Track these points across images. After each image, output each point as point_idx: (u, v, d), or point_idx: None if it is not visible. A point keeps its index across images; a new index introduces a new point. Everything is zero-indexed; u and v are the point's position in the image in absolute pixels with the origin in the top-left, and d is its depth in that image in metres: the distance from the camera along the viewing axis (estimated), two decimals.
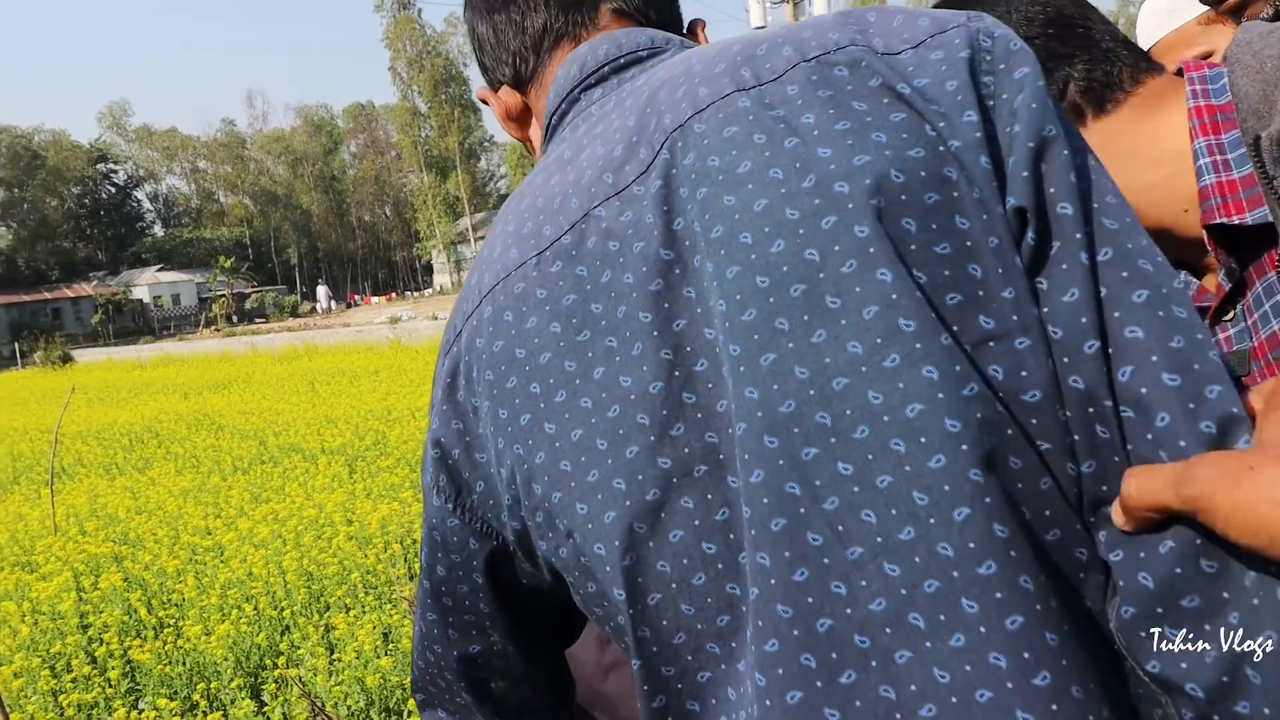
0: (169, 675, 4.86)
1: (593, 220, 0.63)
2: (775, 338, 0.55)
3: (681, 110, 0.62)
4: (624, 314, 0.60)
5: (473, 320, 0.68)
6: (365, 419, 11.27)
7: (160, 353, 30.78)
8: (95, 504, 8.22)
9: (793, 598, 0.53)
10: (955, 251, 0.54)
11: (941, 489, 0.51)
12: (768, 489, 0.54)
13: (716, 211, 0.58)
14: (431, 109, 58.42)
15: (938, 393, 0.51)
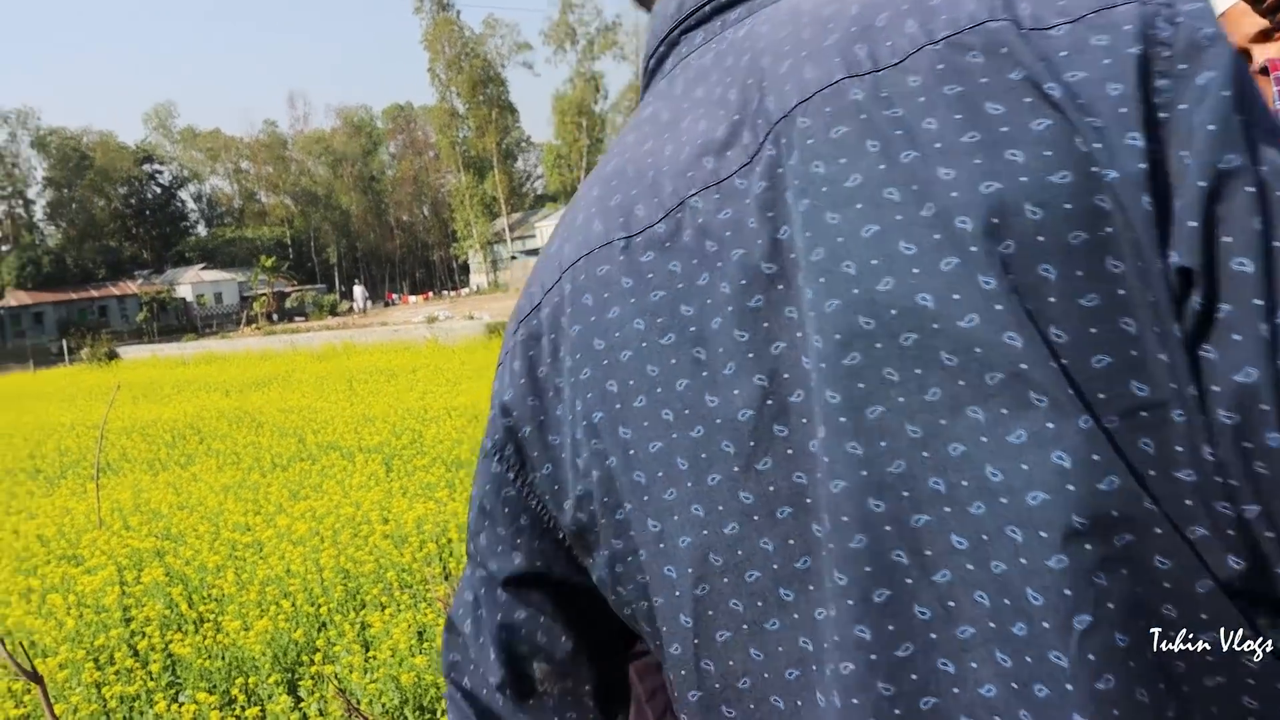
0: (208, 669, 4.94)
1: (689, 211, 0.57)
2: (883, 389, 0.49)
3: (786, 95, 0.54)
4: (718, 327, 0.54)
5: (554, 295, 0.62)
6: (402, 418, 11.37)
7: (203, 350, 31.30)
8: (139, 499, 8.37)
9: (895, 675, 0.49)
10: (1105, 303, 0.45)
11: (1060, 592, 0.45)
12: (871, 556, 0.49)
13: (819, 230, 0.51)
14: (469, 110, 58.82)
15: (1067, 483, 0.45)
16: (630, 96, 63.00)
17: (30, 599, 5.79)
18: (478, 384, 14.58)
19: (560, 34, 58.49)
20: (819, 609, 0.52)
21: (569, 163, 60.36)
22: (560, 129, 59.91)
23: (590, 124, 59.66)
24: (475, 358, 19.62)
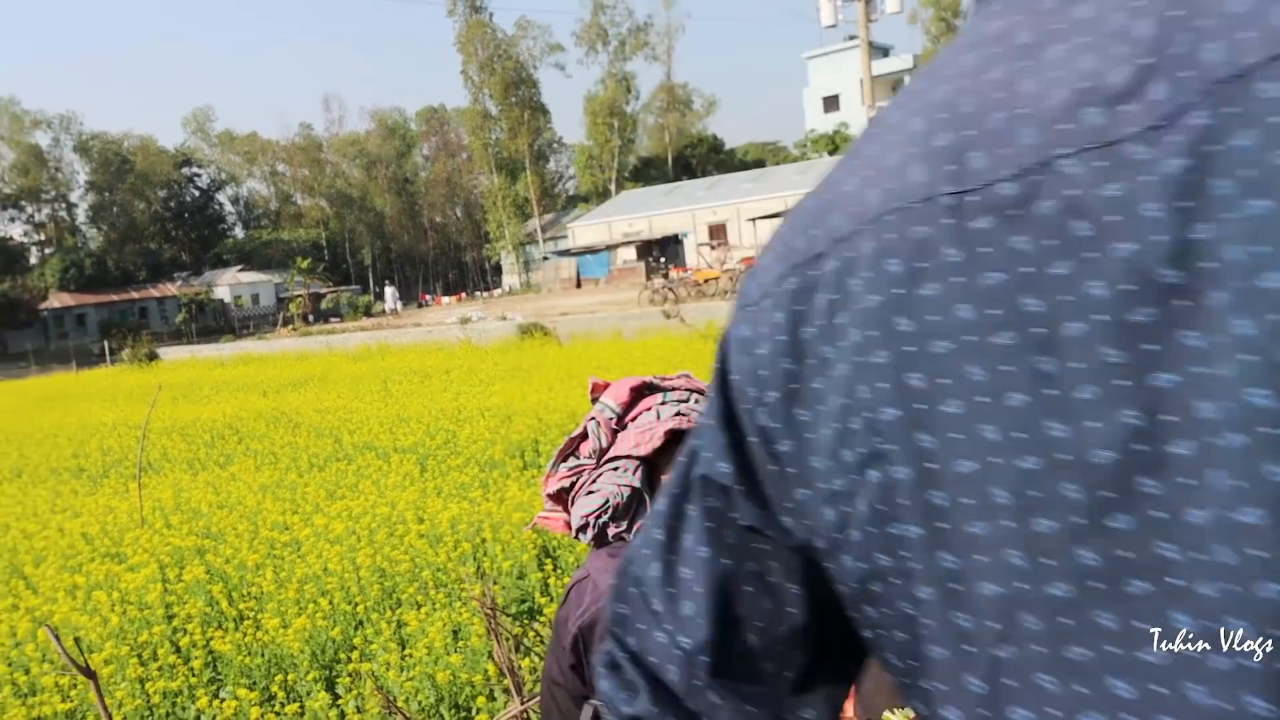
0: (248, 666, 5.02)
1: (1054, 175, 0.42)
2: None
3: (1241, 45, 0.39)
4: (1078, 336, 0.42)
5: (846, 249, 0.49)
6: (436, 418, 11.47)
7: (240, 351, 31.73)
8: (179, 498, 8.52)
9: None
10: None
11: None
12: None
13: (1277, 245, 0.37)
14: (502, 111, 59.14)
15: None
16: (661, 97, 62.94)
17: (76, 595, 5.92)
18: (510, 384, 14.66)
19: (592, 35, 58.64)
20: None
21: (601, 163, 60.45)
22: (592, 130, 60.04)
23: (622, 124, 59.73)
24: (508, 358, 19.71)
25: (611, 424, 1.69)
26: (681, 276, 30.76)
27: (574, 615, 1.57)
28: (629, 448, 1.65)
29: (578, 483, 1.70)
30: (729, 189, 46.80)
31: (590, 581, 1.60)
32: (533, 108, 59.42)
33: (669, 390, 1.73)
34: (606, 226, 48.14)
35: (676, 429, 1.64)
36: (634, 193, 53.73)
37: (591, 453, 1.69)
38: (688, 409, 1.68)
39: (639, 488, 1.64)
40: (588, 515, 1.65)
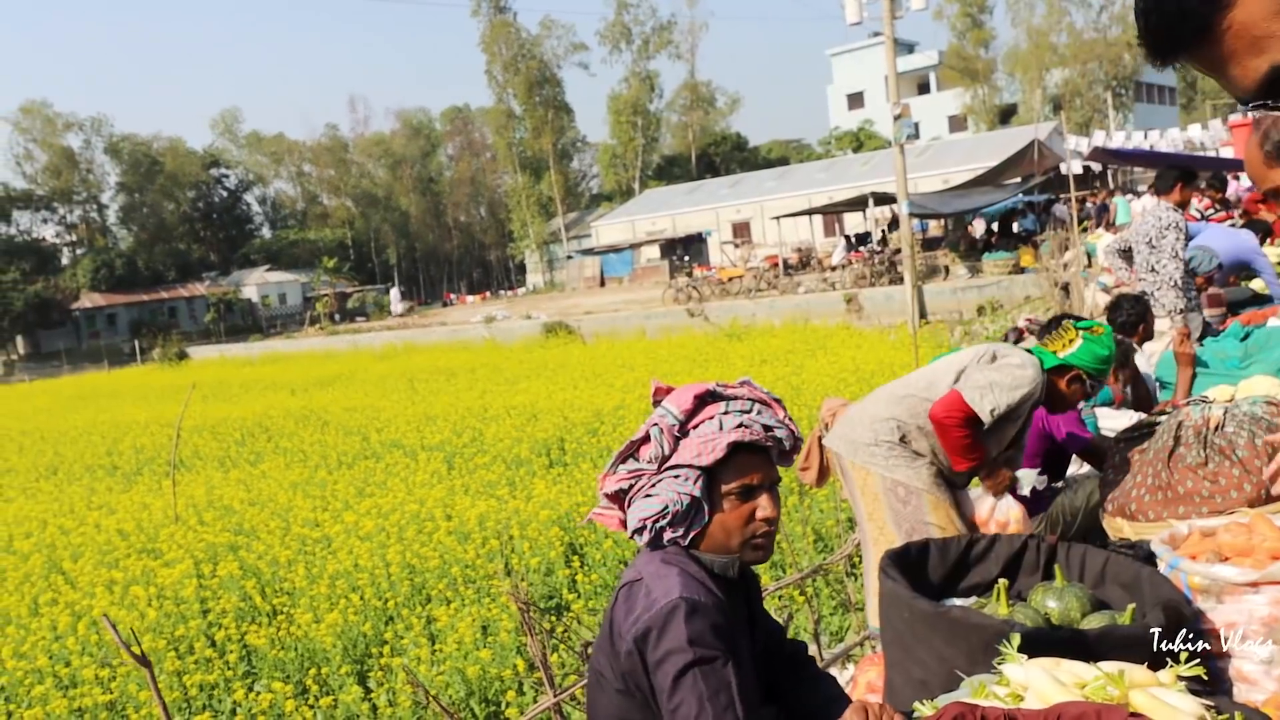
0: (282, 660, 5.11)
1: None
2: None
3: None
4: None
5: None
6: (463, 417, 11.55)
7: (268, 350, 32.06)
8: (212, 495, 8.64)
9: None
10: None
11: None
12: None
13: None
14: (526, 111, 59.23)
15: None
16: (685, 95, 62.88)
17: (113, 590, 6.03)
18: (535, 383, 14.74)
19: (615, 34, 58.62)
20: None
21: (624, 162, 60.43)
22: (615, 128, 60.03)
23: (645, 123, 59.68)
24: (532, 356, 19.80)
25: (674, 430, 1.72)
26: (705, 275, 30.73)
27: (627, 623, 1.61)
28: (691, 457, 1.68)
29: (636, 485, 1.73)
30: (752, 187, 46.67)
31: (643, 585, 1.64)
32: (556, 107, 59.48)
33: (732, 399, 1.76)
34: (630, 225, 48.15)
35: (739, 441, 1.68)
36: (657, 191, 53.70)
37: (652, 458, 1.72)
38: (750, 420, 1.71)
39: (698, 496, 1.67)
40: (646, 519, 1.69)
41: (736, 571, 1.71)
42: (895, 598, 2.19)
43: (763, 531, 1.71)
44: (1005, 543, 2.51)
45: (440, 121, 74.46)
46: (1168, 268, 5.01)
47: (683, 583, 1.61)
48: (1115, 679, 1.49)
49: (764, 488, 1.71)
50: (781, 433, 1.74)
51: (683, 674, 1.52)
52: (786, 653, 1.88)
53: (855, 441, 3.13)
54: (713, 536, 1.70)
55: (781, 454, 1.77)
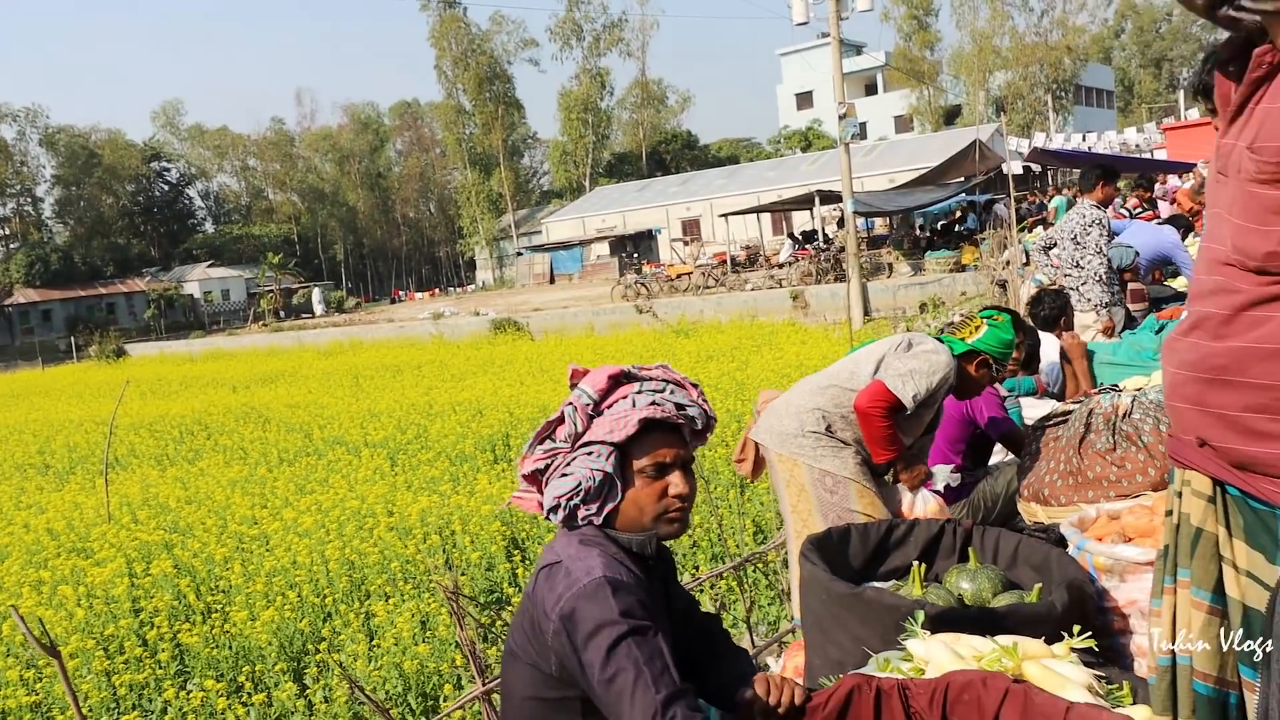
0: (215, 658, 5.04)
1: None
2: None
3: None
4: None
5: None
6: (407, 413, 11.45)
7: (210, 347, 31.45)
8: (147, 493, 8.47)
9: None
10: None
11: None
12: None
13: None
14: (476, 106, 58.80)
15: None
16: (636, 92, 62.92)
17: (41, 590, 5.89)
18: (483, 379, 14.66)
19: (566, 30, 58.45)
20: None
21: (575, 159, 60.31)
22: (566, 125, 59.88)
23: (596, 120, 59.62)
24: (480, 353, 19.68)
25: (588, 410, 1.75)
26: (654, 272, 30.81)
27: (551, 604, 1.62)
28: (604, 433, 1.71)
29: (552, 465, 1.75)
30: (702, 185, 46.87)
31: (563, 567, 1.66)
32: (507, 103, 59.15)
33: (646, 380, 1.79)
34: (580, 222, 48.10)
35: (650, 417, 1.71)
36: (608, 189, 53.70)
37: (567, 437, 1.74)
38: (663, 399, 1.74)
39: (611, 473, 1.70)
40: (560, 496, 1.71)
41: (654, 548, 1.74)
42: (814, 581, 2.24)
43: (676, 507, 1.74)
44: (924, 527, 2.57)
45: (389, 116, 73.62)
46: (1092, 263, 5.15)
47: (604, 562, 1.64)
48: (1010, 651, 1.55)
49: (677, 465, 1.74)
50: (694, 411, 1.77)
51: (616, 645, 1.54)
52: (700, 629, 1.91)
53: (782, 433, 3.18)
54: (626, 513, 1.72)
55: (694, 433, 1.80)
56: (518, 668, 1.70)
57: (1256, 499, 1.27)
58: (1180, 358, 1.34)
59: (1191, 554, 1.33)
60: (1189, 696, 1.32)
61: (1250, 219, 1.22)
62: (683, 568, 5.76)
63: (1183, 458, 1.36)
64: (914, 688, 1.43)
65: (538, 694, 1.67)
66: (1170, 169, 20.97)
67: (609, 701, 1.54)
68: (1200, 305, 1.33)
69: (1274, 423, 1.22)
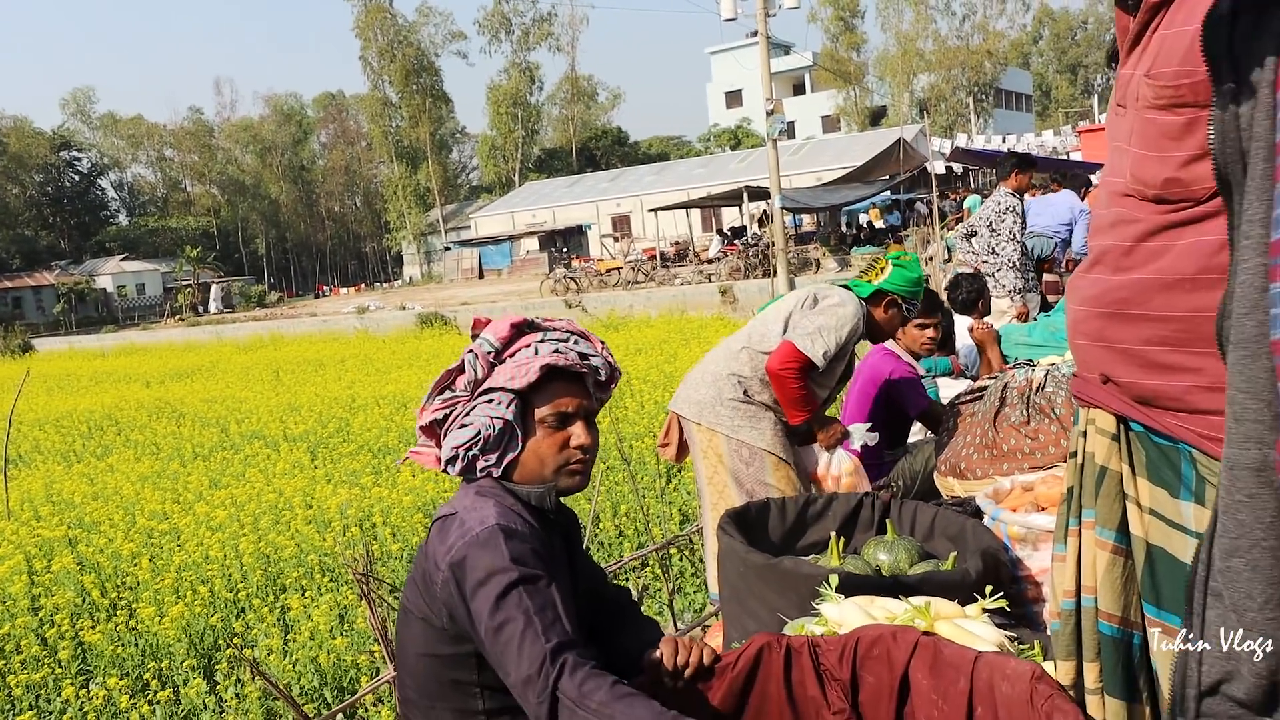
0: (120, 656, 4.83)
1: None
2: None
3: None
4: None
5: None
6: (329, 406, 11.21)
7: (124, 342, 30.37)
8: (51, 490, 8.11)
9: None
10: None
11: None
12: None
13: None
14: (402, 99, 57.93)
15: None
16: (565, 88, 62.68)
17: None
18: (408, 373, 14.42)
19: (495, 24, 57.93)
20: None
21: (504, 154, 59.84)
22: (495, 120, 59.36)
23: (525, 115, 59.23)
24: (405, 347, 19.37)
25: (489, 358, 1.69)
26: (584, 266, 30.73)
27: (442, 553, 1.56)
28: (504, 380, 1.66)
29: (451, 415, 1.69)
30: (633, 181, 46.93)
31: (457, 518, 1.60)
32: (434, 96, 58.39)
33: (550, 330, 1.74)
34: (510, 217, 47.73)
35: (553, 364, 1.66)
36: (537, 184, 53.41)
37: (467, 385, 1.69)
38: (566, 348, 1.70)
39: (511, 420, 1.64)
40: (458, 447, 1.66)
41: (553, 501, 1.69)
42: (731, 553, 2.21)
43: (578, 459, 1.69)
44: (842, 501, 2.57)
45: (313, 108, 72.10)
46: (1006, 249, 5.26)
47: (499, 512, 1.59)
48: (922, 611, 1.54)
49: (579, 415, 1.70)
50: (597, 361, 1.73)
51: (506, 593, 1.48)
52: (609, 598, 1.87)
53: (699, 402, 3.15)
54: (526, 465, 1.67)
55: (598, 384, 1.76)
56: (411, 625, 1.64)
57: (1160, 434, 1.27)
58: (1082, 294, 1.34)
59: (1096, 494, 1.33)
60: (1093, 638, 1.32)
61: (1148, 147, 1.22)
62: (609, 556, 5.73)
63: (1086, 395, 1.36)
64: (824, 645, 1.41)
65: (432, 651, 1.61)
66: (1085, 169, 21.67)
67: (496, 651, 1.48)
68: (1100, 240, 1.32)
69: (1176, 355, 1.22)
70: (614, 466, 7.08)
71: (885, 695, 1.29)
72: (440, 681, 1.59)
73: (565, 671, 1.44)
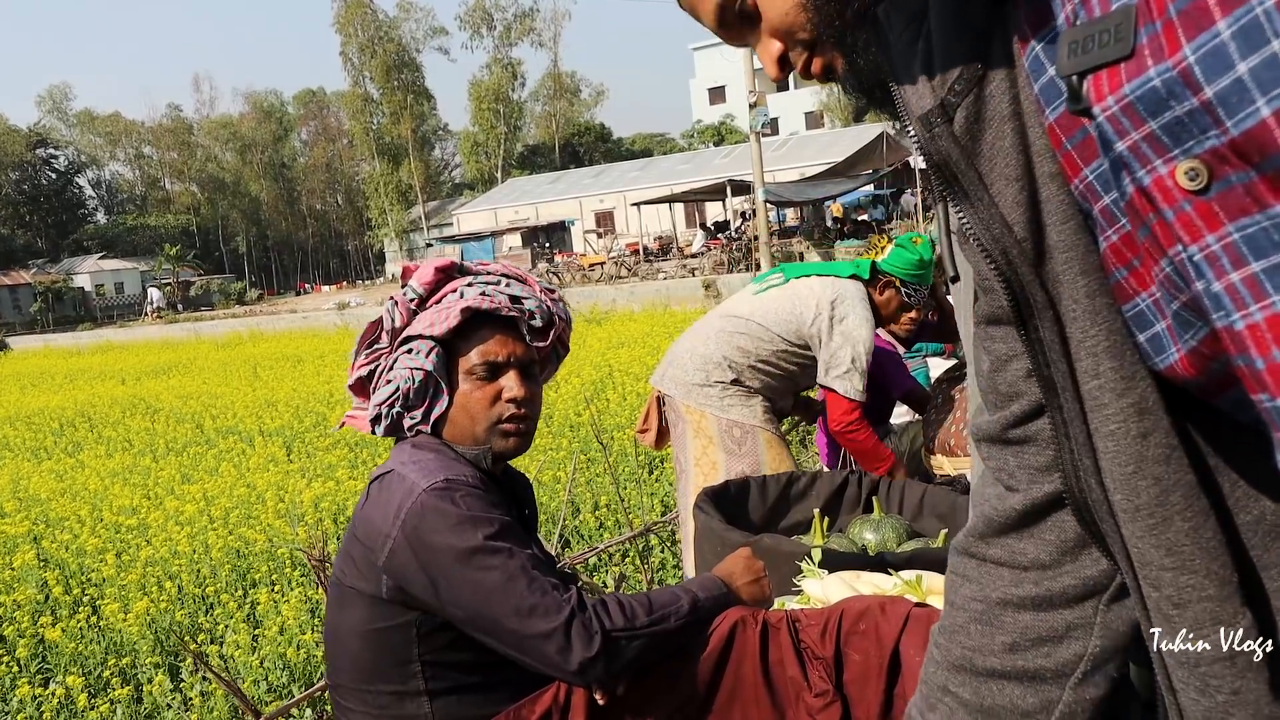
0: (82, 654, 4.67)
1: None
2: None
3: None
4: None
5: None
6: (306, 401, 11.04)
7: (100, 340, 30.00)
8: (18, 486, 7.93)
9: None
10: None
11: None
12: None
13: None
14: (384, 95, 57.52)
15: None
16: (548, 84, 62.43)
17: None
18: None
19: (476, 19, 57.62)
20: None
21: (486, 150, 59.56)
22: (477, 116, 59.06)
23: (508, 112, 58.96)
24: None
25: (411, 305, 1.56)
26: (567, 261, 30.59)
27: (389, 516, 1.41)
28: (424, 327, 1.52)
29: (377, 370, 1.56)
30: (616, 177, 46.79)
31: (396, 475, 1.45)
32: (416, 92, 58.03)
33: (481, 274, 1.60)
34: (493, 214, 47.50)
35: (476, 308, 1.51)
36: (520, 180, 53.17)
37: (387, 334, 1.55)
38: (495, 290, 1.56)
39: (431, 371, 1.50)
40: (381, 404, 1.52)
41: (489, 463, 1.54)
42: (709, 533, 2.09)
43: (510, 414, 1.53)
44: (826, 479, 2.45)
45: (293, 105, 71.59)
46: None
47: (443, 465, 1.45)
48: (913, 585, 1.42)
49: (511, 365, 1.55)
50: (531, 303, 1.57)
51: (475, 551, 1.35)
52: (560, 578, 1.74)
53: (688, 383, 3.03)
54: (456, 422, 1.53)
55: (534, 331, 1.60)
56: (346, 600, 1.49)
57: None
58: None
59: None
60: None
61: None
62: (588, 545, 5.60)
63: None
64: (805, 620, 1.28)
65: (369, 625, 1.45)
66: None
67: (487, 616, 1.33)
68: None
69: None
70: (595, 458, 6.96)
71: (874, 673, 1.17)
72: (377, 660, 1.44)
73: (591, 608, 1.33)
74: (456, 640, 1.41)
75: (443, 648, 1.41)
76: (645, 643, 1.30)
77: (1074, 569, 0.82)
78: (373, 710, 1.45)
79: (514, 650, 1.33)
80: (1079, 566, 0.82)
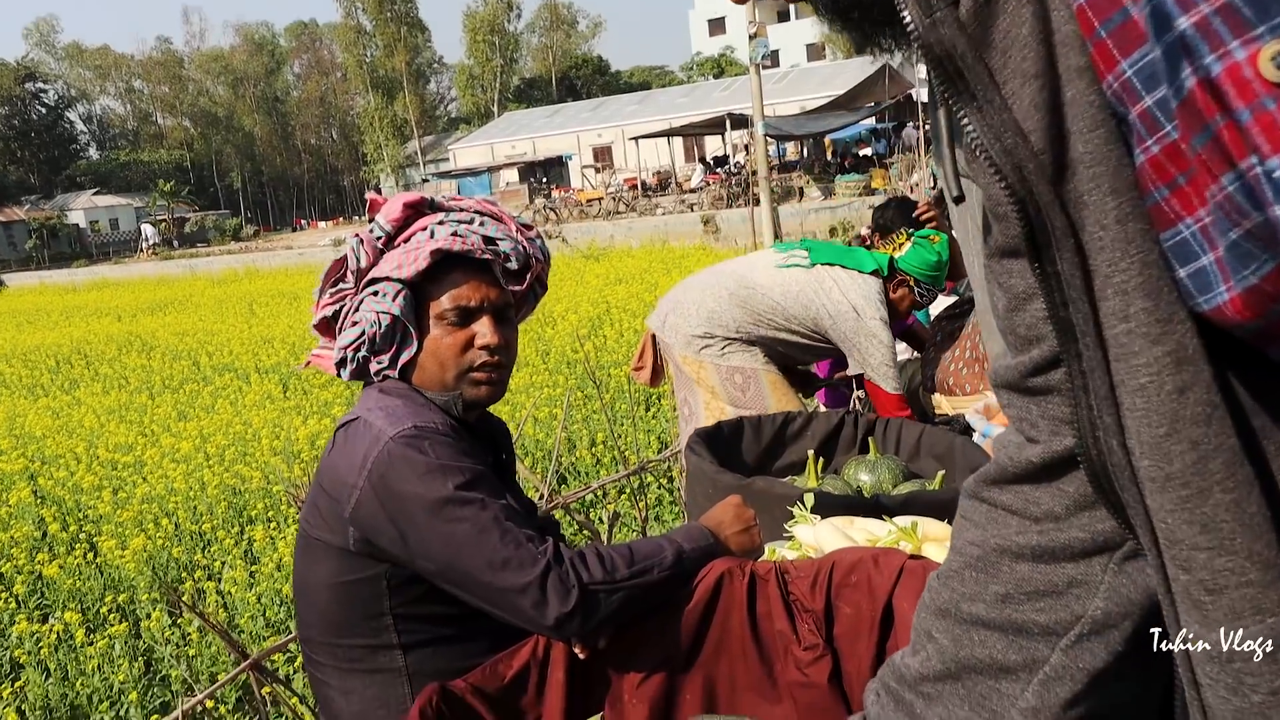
0: (80, 590, 4.69)
1: None
2: None
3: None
4: None
5: None
6: (302, 338, 10.98)
7: (95, 276, 29.84)
8: (14, 424, 7.91)
9: None
10: None
11: None
12: None
13: None
14: (377, 27, 56.41)
15: None
16: (544, 15, 61.18)
17: None
18: None
19: None
20: None
21: (482, 84, 58.61)
22: (472, 49, 58.00)
23: (504, 44, 57.89)
24: None
25: (378, 244, 1.47)
26: (564, 196, 30.27)
27: (356, 464, 1.35)
28: (391, 269, 1.44)
29: (343, 309, 1.48)
30: (614, 111, 46.10)
31: (363, 422, 1.39)
32: (410, 23, 56.92)
33: (454, 210, 1.52)
34: (489, 148, 46.91)
35: (446, 249, 1.44)
36: (517, 114, 52.40)
37: (352, 273, 1.47)
38: (468, 230, 1.47)
39: (399, 315, 1.43)
40: (346, 348, 1.45)
41: (459, 409, 1.48)
42: (699, 475, 2.05)
43: (482, 361, 1.45)
44: (822, 419, 2.41)
45: (285, 37, 70.21)
46: None
47: (412, 411, 1.38)
48: (908, 532, 1.38)
49: (484, 310, 1.46)
50: (506, 245, 1.48)
51: (445, 501, 1.29)
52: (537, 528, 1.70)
53: (688, 333, 2.97)
54: (425, 368, 1.45)
55: (508, 274, 1.51)
56: (314, 552, 1.44)
57: None
58: None
59: None
60: None
61: None
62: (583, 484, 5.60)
63: None
64: (794, 571, 1.24)
65: (338, 578, 1.40)
66: None
67: (458, 568, 1.28)
68: None
69: None
70: (591, 395, 6.93)
71: (865, 628, 1.13)
72: (347, 613, 1.39)
73: (569, 560, 1.28)
74: (429, 592, 1.36)
75: (415, 600, 1.37)
76: (626, 596, 1.26)
77: (1087, 521, 0.72)
78: (344, 664, 1.41)
79: (488, 604, 1.29)
80: (1093, 519, 0.72)
